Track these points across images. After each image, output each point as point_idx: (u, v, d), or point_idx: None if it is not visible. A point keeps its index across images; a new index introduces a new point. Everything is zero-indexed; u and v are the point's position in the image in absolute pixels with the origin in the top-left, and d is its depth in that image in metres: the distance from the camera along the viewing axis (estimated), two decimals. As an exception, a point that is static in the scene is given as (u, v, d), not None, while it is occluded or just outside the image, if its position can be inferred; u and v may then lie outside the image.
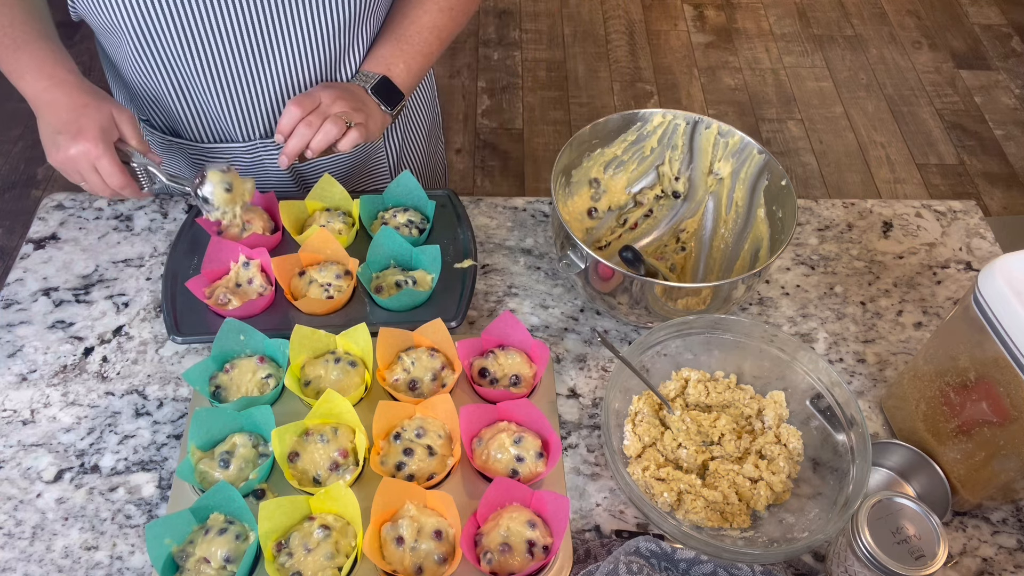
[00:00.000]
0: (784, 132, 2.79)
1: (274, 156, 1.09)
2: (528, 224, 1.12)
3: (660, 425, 0.88)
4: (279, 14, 0.94)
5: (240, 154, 1.08)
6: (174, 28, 0.92)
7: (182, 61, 0.96)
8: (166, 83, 0.99)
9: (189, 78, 0.98)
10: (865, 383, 0.97)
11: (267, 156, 1.09)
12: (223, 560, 0.74)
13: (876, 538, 0.72)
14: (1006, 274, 0.74)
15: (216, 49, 0.95)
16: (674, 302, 0.93)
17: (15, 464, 0.87)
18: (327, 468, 0.81)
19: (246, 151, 1.08)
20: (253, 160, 1.10)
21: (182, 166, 1.13)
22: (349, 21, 0.98)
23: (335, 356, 0.89)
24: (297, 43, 0.97)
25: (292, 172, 1.14)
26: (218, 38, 0.94)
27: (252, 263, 0.97)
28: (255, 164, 1.10)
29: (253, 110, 1.03)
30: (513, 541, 0.75)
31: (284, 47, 0.97)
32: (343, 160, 1.14)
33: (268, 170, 1.12)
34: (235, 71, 0.98)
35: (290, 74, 1.00)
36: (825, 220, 1.15)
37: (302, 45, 0.97)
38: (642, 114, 1.04)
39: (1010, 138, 2.79)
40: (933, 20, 3.25)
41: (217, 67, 0.97)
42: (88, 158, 0.88)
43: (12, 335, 0.97)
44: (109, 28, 0.93)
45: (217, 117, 1.03)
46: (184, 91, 1.00)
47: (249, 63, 0.97)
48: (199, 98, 1.01)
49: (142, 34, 0.93)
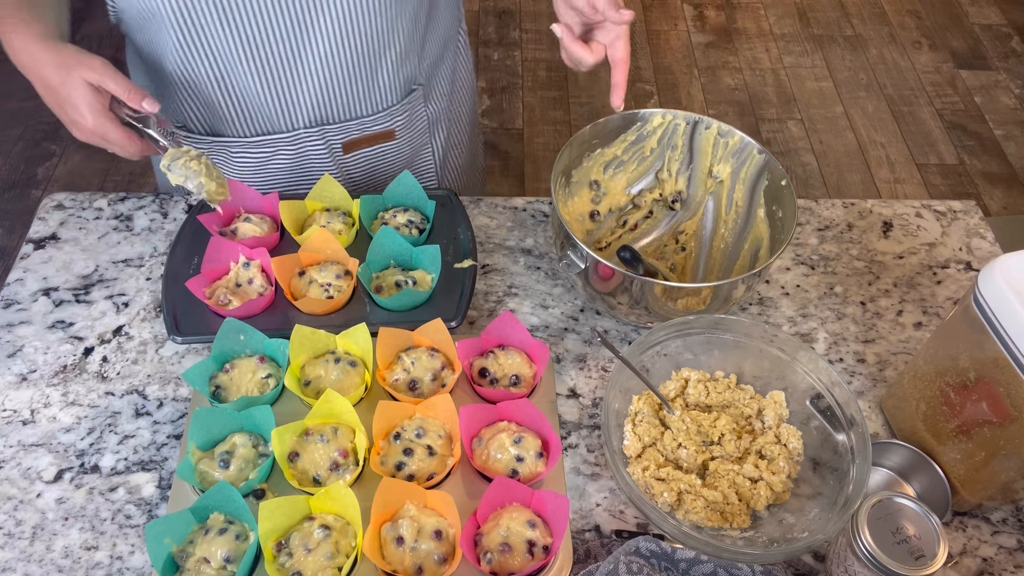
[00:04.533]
0: (784, 132, 2.79)
1: (317, 146, 1.09)
2: (528, 224, 1.12)
3: (660, 425, 0.88)
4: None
5: (283, 145, 1.08)
6: (215, 8, 0.91)
7: (224, 45, 0.95)
8: (209, 72, 0.98)
9: (232, 64, 0.97)
10: (865, 383, 0.97)
11: (310, 147, 1.09)
12: (223, 560, 0.74)
13: (876, 538, 0.72)
14: (1006, 274, 0.74)
15: (257, 29, 0.94)
16: (674, 302, 0.93)
17: (15, 464, 0.87)
18: (327, 468, 0.81)
19: (289, 142, 1.07)
20: (297, 151, 1.09)
21: (226, 167, 1.12)
22: (388, 5, 0.97)
23: (335, 356, 0.89)
24: (339, 22, 0.96)
25: (337, 164, 1.13)
26: (259, 17, 0.93)
27: (252, 263, 0.97)
28: (299, 155, 1.10)
29: (297, 97, 1.02)
30: (513, 541, 0.75)
31: (326, 26, 0.96)
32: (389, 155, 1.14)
33: (312, 161, 1.11)
34: (277, 53, 0.97)
35: (334, 56, 0.99)
36: (825, 220, 1.15)
37: (344, 23, 0.96)
38: (642, 114, 1.04)
39: (1010, 138, 2.79)
40: (933, 20, 3.26)
41: (258, 49, 0.96)
42: (95, 137, 0.87)
43: (12, 335, 0.97)
44: (149, 15, 0.91)
45: (260, 106, 1.03)
46: (227, 80, 0.99)
47: (291, 44, 0.96)
48: (242, 87, 1.00)
49: (183, 17, 0.91)
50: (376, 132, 1.12)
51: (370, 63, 1.02)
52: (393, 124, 1.12)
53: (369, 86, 1.06)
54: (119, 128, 0.88)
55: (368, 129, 1.11)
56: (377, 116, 1.10)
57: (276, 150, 1.08)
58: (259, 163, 1.11)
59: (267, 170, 1.11)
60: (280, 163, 1.11)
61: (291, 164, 1.10)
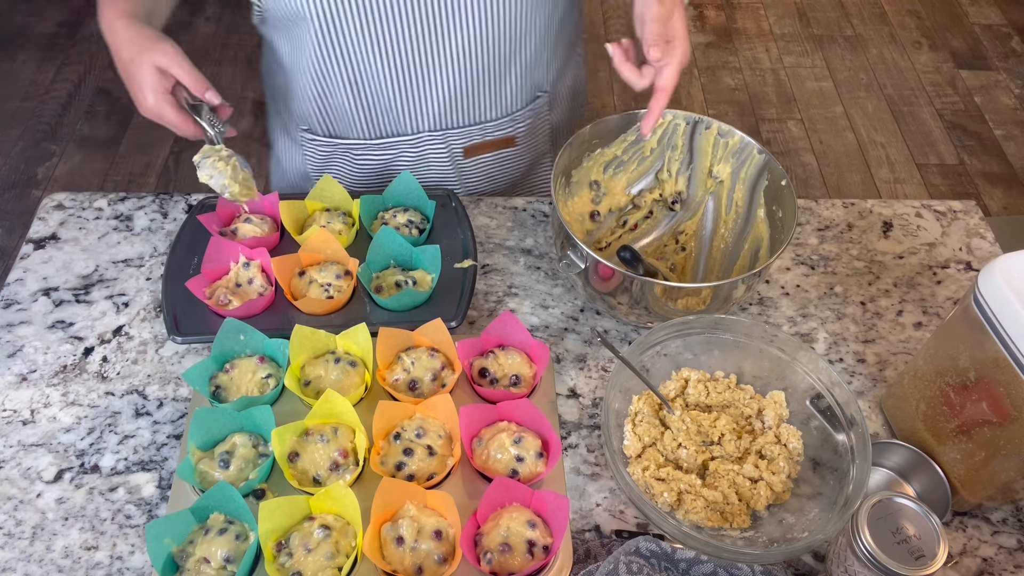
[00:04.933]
0: (784, 132, 2.79)
1: (438, 150, 1.12)
2: (528, 224, 1.12)
3: (660, 425, 0.88)
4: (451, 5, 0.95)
5: (405, 148, 1.11)
6: (358, 12, 0.94)
7: (361, 46, 0.98)
8: (343, 73, 1.02)
9: (367, 66, 1.01)
10: (865, 383, 0.97)
11: (432, 151, 1.11)
12: (223, 560, 0.74)
13: (876, 538, 0.72)
14: (1006, 274, 0.74)
15: (395, 32, 0.97)
16: (674, 302, 0.93)
17: (15, 464, 0.87)
18: (327, 468, 0.81)
19: (412, 145, 1.10)
20: (418, 154, 1.12)
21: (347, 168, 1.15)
22: (522, 8, 0.99)
23: (335, 356, 0.89)
24: (475, 25, 0.98)
25: (456, 168, 1.15)
26: (399, 20, 0.96)
27: (252, 263, 0.97)
28: (419, 159, 1.13)
29: (425, 100, 1.05)
30: (513, 541, 0.75)
31: (462, 30, 0.98)
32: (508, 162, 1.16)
33: (432, 165, 1.14)
34: (411, 56, 1.00)
35: (466, 59, 1.01)
36: (825, 220, 1.15)
37: (480, 27, 0.98)
38: (642, 114, 1.04)
39: (1010, 138, 2.79)
40: (933, 20, 3.25)
41: (394, 51, 0.99)
42: (153, 115, 0.91)
43: (12, 335, 0.97)
44: (294, 15, 0.96)
45: (387, 109, 1.06)
46: (359, 81, 1.03)
47: (426, 47, 0.99)
48: (373, 88, 1.03)
49: (326, 17, 0.95)
50: (498, 138, 1.14)
51: (501, 67, 1.05)
52: (515, 130, 1.14)
53: (497, 91, 1.08)
54: (177, 112, 0.92)
55: (491, 134, 1.13)
56: (500, 121, 1.12)
57: (398, 152, 1.11)
58: (380, 165, 1.14)
59: (385, 173, 1.15)
60: (399, 166, 1.14)
61: (411, 167, 1.13)
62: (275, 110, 1.20)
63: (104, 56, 2.99)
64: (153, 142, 2.68)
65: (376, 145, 1.10)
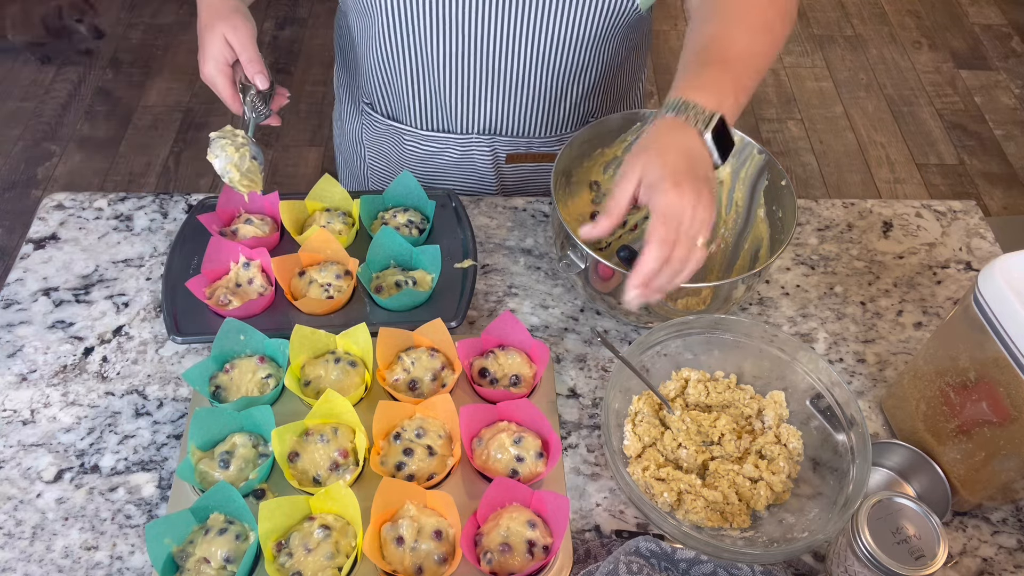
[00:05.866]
0: (784, 132, 2.79)
1: (484, 152, 1.13)
2: (528, 224, 1.12)
3: (660, 425, 0.88)
4: (526, 17, 0.96)
5: (453, 146, 1.13)
6: (427, 17, 0.96)
7: (425, 50, 1.01)
8: (404, 69, 1.04)
9: (427, 67, 1.03)
10: (865, 383, 0.97)
11: (477, 151, 1.13)
12: (223, 560, 0.74)
13: (876, 538, 0.72)
14: (1006, 274, 0.74)
15: (460, 43, 0.99)
16: (674, 302, 0.93)
17: (15, 464, 0.87)
18: (327, 468, 0.81)
19: (460, 144, 1.12)
20: (464, 153, 1.14)
21: (397, 150, 1.17)
22: (591, 38, 0.99)
23: (335, 356, 0.89)
24: (534, 55, 1.00)
25: (496, 171, 1.17)
26: (464, 32, 0.97)
27: (252, 263, 0.97)
28: (464, 158, 1.15)
29: (478, 107, 1.07)
30: (513, 541, 0.75)
31: (521, 56, 1.00)
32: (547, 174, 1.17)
33: (475, 165, 1.16)
34: (471, 67, 1.02)
35: (521, 84, 1.03)
36: (825, 220, 1.15)
37: (538, 57, 1.00)
38: (642, 114, 1.04)
39: (1010, 138, 2.79)
40: (933, 20, 3.25)
41: (456, 61, 1.01)
42: (207, 81, 0.94)
43: (12, 335, 0.97)
44: (365, 12, 0.99)
45: (441, 106, 1.08)
46: (418, 78, 1.05)
47: (486, 61, 1.01)
48: (431, 87, 1.05)
49: (396, 19, 0.97)
50: (543, 152, 1.15)
51: (557, 93, 1.06)
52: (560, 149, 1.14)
53: (550, 113, 1.09)
54: (228, 85, 0.94)
55: (536, 148, 1.14)
56: (548, 139, 1.13)
57: (445, 147, 1.14)
58: (426, 155, 1.16)
59: (431, 163, 1.17)
60: (445, 159, 1.16)
61: (455, 162, 1.16)
62: (344, 73, 1.23)
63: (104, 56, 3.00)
64: (153, 142, 2.68)
65: (426, 136, 1.13)
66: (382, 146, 1.20)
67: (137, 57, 2.97)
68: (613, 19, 0.97)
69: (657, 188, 0.74)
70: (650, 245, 0.73)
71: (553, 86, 1.05)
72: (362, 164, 1.26)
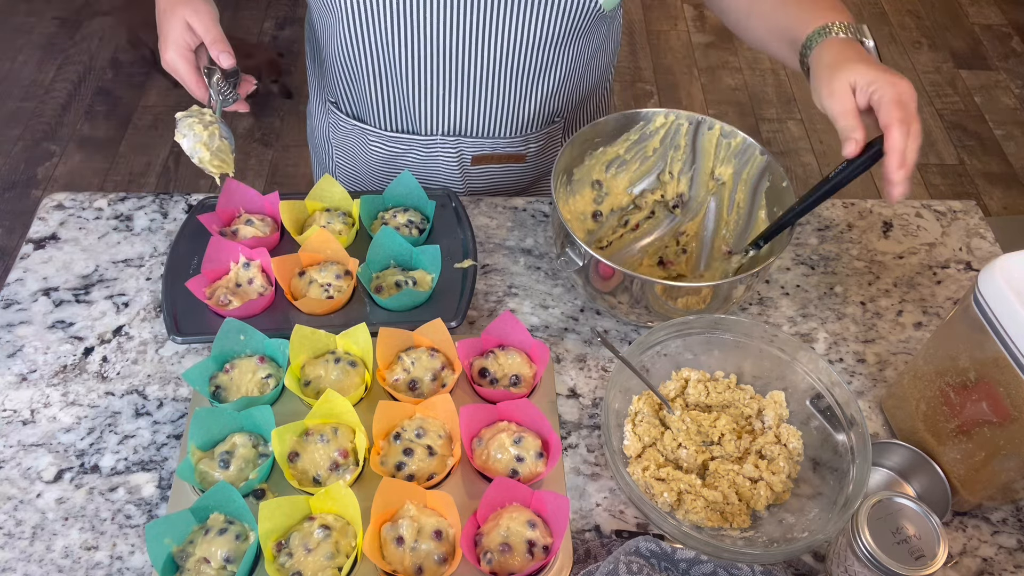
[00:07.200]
0: (784, 132, 2.79)
1: (449, 153, 1.13)
2: (528, 224, 1.12)
3: (660, 425, 0.88)
4: (492, 17, 0.95)
5: (418, 147, 1.13)
6: (393, 16, 0.96)
7: (390, 50, 1.00)
8: (368, 68, 1.04)
9: (389, 68, 1.02)
10: (865, 383, 0.97)
11: (442, 153, 1.13)
12: (223, 560, 0.74)
13: (876, 538, 0.72)
14: (1006, 274, 0.74)
15: (422, 43, 0.98)
16: (674, 301, 0.93)
17: (15, 464, 0.87)
18: (327, 468, 0.81)
19: (424, 145, 1.12)
20: (428, 155, 1.13)
21: (363, 150, 1.17)
22: (556, 38, 0.99)
23: (335, 356, 0.89)
24: (498, 54, 0.99)
25: (463, 173, 1.16)
26: (426, 32, 0.97)
27: (252, 263, 0.97)
28: (430, 159, 1.14)
29: (443, 108, 1.06)
30: (513, 541, 0.75)
31: (484, 55, 1.00)
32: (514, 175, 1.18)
33: (441, 166, 1.15)
34: (437, 68, 1.01)
35: (485, 83, 1.03)
36: (825, 220, 1.15)
37: (502, 56, 1.00)
38: (644, 113, 1.04)
39: (1010, 138, 2.79)
40: (933, 20, 3.25)
41: (421, 61, 1.00)
42: (170, 69, 0.93)
43: (12, 335, 0.97)
44: (327, 8, 0.98)
45: (406, 107, 1.07)
46: (383, 79, 1.04)
47: (452, 62, 1.00)
48: (393, 88, 1.05)
49: (358, 17, 0.97)
50: (508, 153, 1.15)
51: (521, 93, 1.06)
52: (527, 149, 1.15)
53: (514, 113, 1.09)
54: (191, 71, 0.93)
55: (502, 149, 1.14)
56: (513, 140, 1.13)
57: (409, 148, 1.13)
58: (391, 156, 1.16)
59: (396, 163, 1.16)
60: (410, 160, 1.15)
61: (420, 163, 1.15)
62: (313, 70, 1.22)
63: (104, 56, 3.00)
64: (153, 142, 2.68)
65: (391, 137, 1.13)
66: (349, 146, 1.19)
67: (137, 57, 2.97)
68: (577, 18, 0.97)
69: (877, 83, 0.81)
70: (892, 129, 0.79)
71: (518, 86, 1.04)
72: (330, 163, 1.26)
